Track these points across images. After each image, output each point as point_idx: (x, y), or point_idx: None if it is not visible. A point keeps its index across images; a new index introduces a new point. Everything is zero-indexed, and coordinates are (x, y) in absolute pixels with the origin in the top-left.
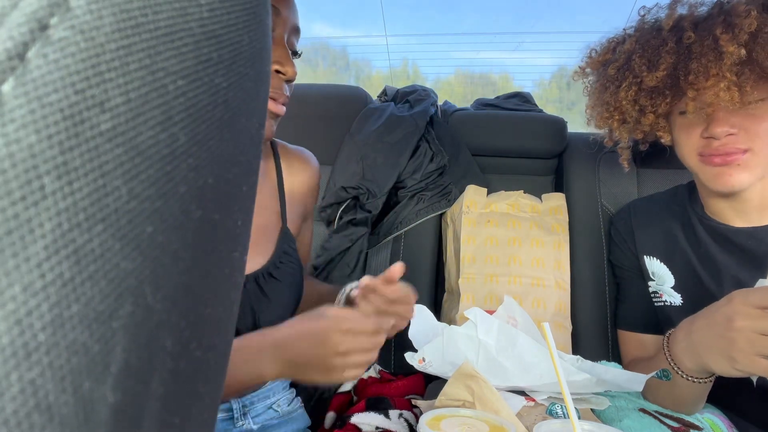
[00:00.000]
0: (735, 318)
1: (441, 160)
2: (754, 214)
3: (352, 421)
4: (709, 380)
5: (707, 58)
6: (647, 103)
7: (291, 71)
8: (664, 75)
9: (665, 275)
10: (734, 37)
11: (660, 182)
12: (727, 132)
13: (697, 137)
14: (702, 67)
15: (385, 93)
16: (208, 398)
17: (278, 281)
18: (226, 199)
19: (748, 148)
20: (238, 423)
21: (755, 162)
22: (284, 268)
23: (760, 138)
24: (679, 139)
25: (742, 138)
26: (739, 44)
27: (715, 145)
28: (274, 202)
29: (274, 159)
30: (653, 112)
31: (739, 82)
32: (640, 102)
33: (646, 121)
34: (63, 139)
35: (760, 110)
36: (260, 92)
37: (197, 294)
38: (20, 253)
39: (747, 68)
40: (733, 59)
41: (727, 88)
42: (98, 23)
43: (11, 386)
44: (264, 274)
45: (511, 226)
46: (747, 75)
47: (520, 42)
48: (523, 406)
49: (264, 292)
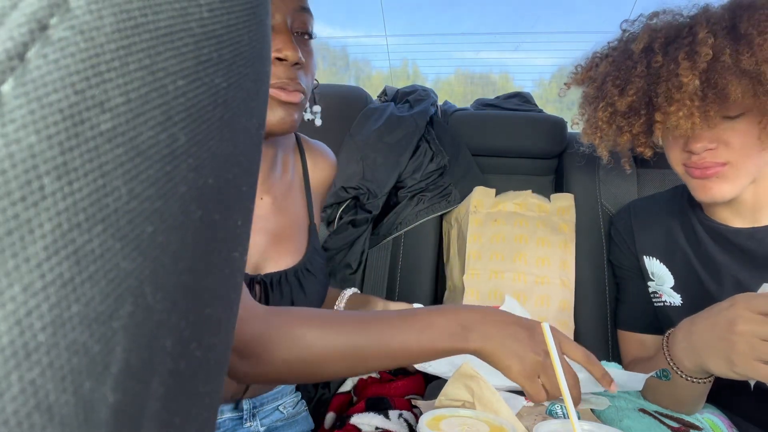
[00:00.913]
0: (737, 322)
1: (441, 160)
2: (751, 215)
3: (351, 422)
4: (709, 380)
5: (672, 83)
6: (623, 123)
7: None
8: (633, 99)
9: (665, 275)
10: (693, 65)
11: (660, 182)
12: (705, 147)
13: (680, 150)
14: (666, 91)
15: (385, 93)
16: (208, 398)
17: (314, 276)
18: (226, 199)
19: (726, 161)
20: (246, 424)
21: (735, 173)
22: (316, 263)
23: (738, 152)
24: (666, 149)
25: (721, 152)
26: (698, 72)
27: (694, 159)
28: (302, 198)
29: (299, 153)
30: (629, 132)
31: (704, 106)
32: (616, 122)
33: (622, 140)
34: (63, 140)
35: (739, 125)
36: (260, 92)
37: (197, 294)
38: (20, 254)
39: (711, 92)
40: (690, 88)
41: (688, 116)
42: (98, 23)
43: (11, 386)
44: (302, 269)
45: (518, 225)
46: (711, 99)
47: (520, 42)
48: (523, 406)
49: (302, 286)
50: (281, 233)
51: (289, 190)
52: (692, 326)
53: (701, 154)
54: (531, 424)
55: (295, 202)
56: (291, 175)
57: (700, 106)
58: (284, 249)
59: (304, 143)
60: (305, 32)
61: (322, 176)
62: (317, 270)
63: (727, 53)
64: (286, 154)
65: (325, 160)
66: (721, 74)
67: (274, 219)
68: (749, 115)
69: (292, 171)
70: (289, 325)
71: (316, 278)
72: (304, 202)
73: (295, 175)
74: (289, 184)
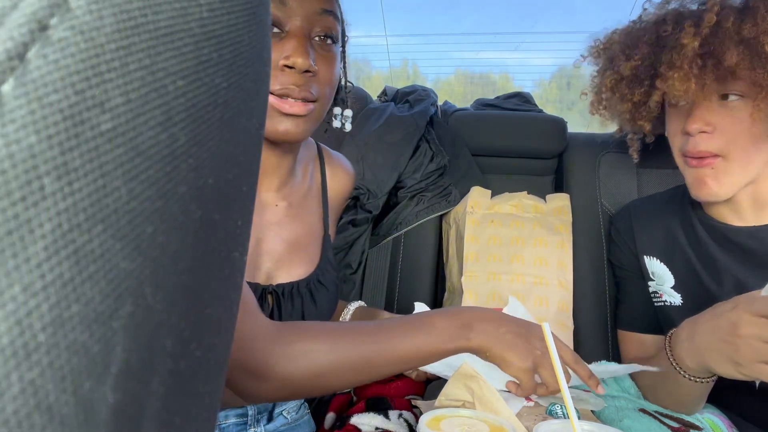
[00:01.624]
0: (740, 325)
1: (441, 160)
2: (752, 214)
3: (351, 422)
4: (712, 380)
5: (675, 50)
6: (626, 91)
7: (301, 62)
8: (637, 65)
9: (665, 275)
10: (697, 31)
11: (660, 182)
12: (701, 129)
13: (680, 135)
14: (669, 59)
15: (385, 93)
16: (208, 398)
17: (326, 288)
18: (226, 199)
19: (720, 152)
20: (249, 429)
21: (730, 170)
22: (328, 275)
23: (734, 143)
24: (668, 135)
25: (716, 138)
26: (700, 37)
27: (690, 146)
28: (319, 208)
29: (320, 162)
30: (630, 100)
31: (700, 75)
32: (619, 90)
33: (623, 108)
34: (63, 140)
35: (738, 111)
36: (260, 92)
37: (197, 294)
38: (20, 254)
39: (710, 62)
40: (688, 51)
41: (685, 79)
42: (98, 24)
43: (11, 386)
44: (314, 281)
45: (515, 226)
46: (709, 68)
47: (520, 42)
48: (523, 406)
49: (314, 298)
50: (296, 242)
51: (305, 198)
52: (695, 327)
53: (696, 138)
54: (531, 424)
55: (311, 210)
56: (309, 184)
57: (699, 73)
58: (298, 258)
59: (325, 153)
60: (328, 36)
61: (340, 188)
62: (329, 282)
63: (730, 20)
64: (306, 162)
65: (344, 172)
66: (722, 40)
67: (289, 227)
68: (744, 100)
69: (311, 179)
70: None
71: (328, 291)
72: (320, 211)
73: (314, 183)
74: (306, 193)
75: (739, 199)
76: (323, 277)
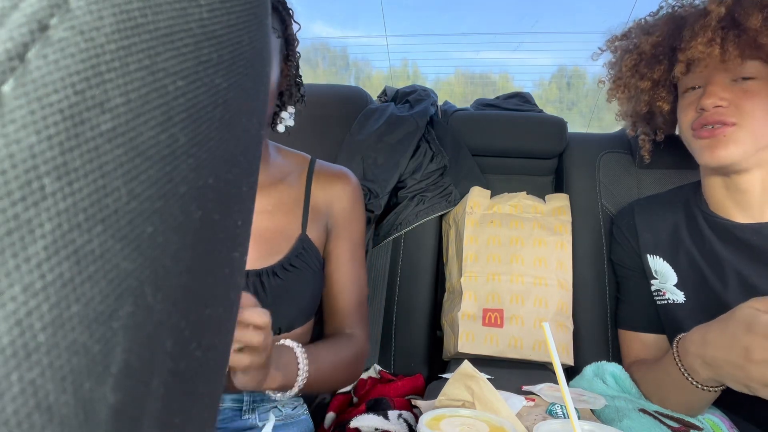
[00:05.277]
0: (754, 350)
1: (441, 160)
2: (758, 210)
3: (351, 425)
4: (721, 388)
5: (698, 23)
6: (646, 70)
7: None
8: (658, 41)
9: (668, 273)
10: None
11: (660, 182)
12: (716, 104)
13: (693, 110)
14: (691, 31)
15: (385, 93)
16: (208, 398)
17: (282, 281)
18: (226, 199)
19: (735, 121)
20: (244, 416)
21: (742, 136)
22: (294, 272)
23: (748, 114)
24: (680, 115)
25: (731, 111)
26: (722, 3)
27: (705, 116)
28: (299, 211)
29: (307, 172)
30: (650, 79)
31: (725, 42)
32: (639, 70)
33: (643, 86)
34: (63, 140)
35: (751, 88)
36: (260, 92)
37: (197, 294)
38: (20, 254)
39: (731, 31)
40: (713, 16)
41: (708, 43)
42: (98, 24)
43: (11, 386)
44: (269, 272)
45: (514, 227)
46: (731, 37)
47: (520, 42)
48: (523, 406)
49: (265, 289)
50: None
51: (284, 199)
52: (706, 337)
53: (710, 110)
54: (531, 424)
55: (287, 212)
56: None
57: (721, 41)
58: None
59: (316, 167)
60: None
61: (325, 198)
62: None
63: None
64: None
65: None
66: (745, 8)
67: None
68: (761, 81)
69: (297, 188)
70: None
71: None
72: (300, 214)
73: (299, 192)
74: (286, 195)
75: (746, 188)
76: (284, 273)
